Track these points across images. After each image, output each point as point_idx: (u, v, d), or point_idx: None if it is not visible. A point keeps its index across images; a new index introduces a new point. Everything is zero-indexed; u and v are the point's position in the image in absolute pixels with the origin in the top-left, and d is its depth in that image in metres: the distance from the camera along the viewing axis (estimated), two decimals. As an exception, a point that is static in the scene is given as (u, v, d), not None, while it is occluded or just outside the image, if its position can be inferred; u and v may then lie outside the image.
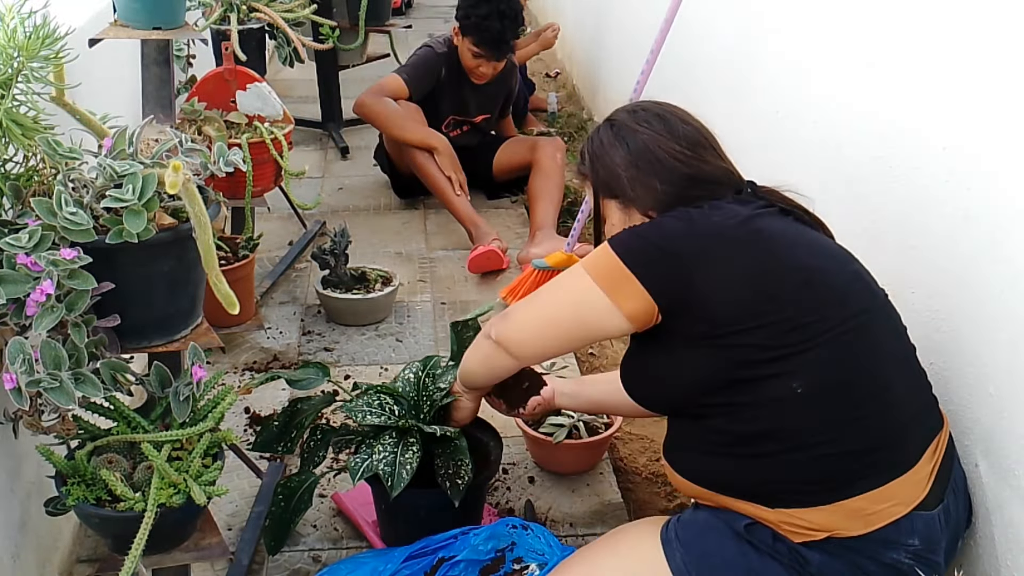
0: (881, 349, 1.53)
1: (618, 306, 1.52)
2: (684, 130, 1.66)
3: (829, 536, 1.45)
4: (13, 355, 1.37)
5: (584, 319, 1.59)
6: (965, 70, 1.68)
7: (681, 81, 3.25)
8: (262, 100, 2.61)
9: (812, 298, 1.50)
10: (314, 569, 1.99)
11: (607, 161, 1.67)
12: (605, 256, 1.54)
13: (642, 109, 1.70)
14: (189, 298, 1.63)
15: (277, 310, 3.03)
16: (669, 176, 1.62)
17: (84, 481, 1.56)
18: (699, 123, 1.70)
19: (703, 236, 1.53)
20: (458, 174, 3.49)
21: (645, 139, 1.64)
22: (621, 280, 1.52)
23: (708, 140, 1.68)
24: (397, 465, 1.81)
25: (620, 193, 1.66)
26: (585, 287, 1.56)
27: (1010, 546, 1.54)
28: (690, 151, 1.63)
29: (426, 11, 7.19)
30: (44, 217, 1.39)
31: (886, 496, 1.46)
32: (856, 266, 1.59)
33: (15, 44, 1.41)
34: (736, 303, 1.48)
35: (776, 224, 1.57)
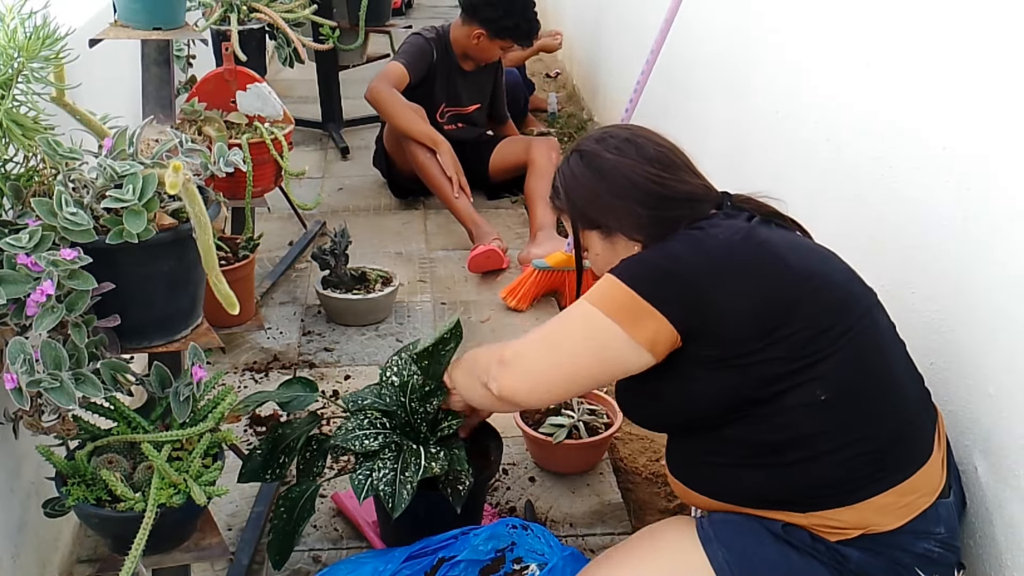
0: (886, 345, 1.56)
1: (639, 341, 1.47)
2: (655, 152, 1.62)
3: (863, 533, 1.48)
4: (13, 355, 1.37)
5: (603, 359, 1.51)
6: (965, 70, 1.68)
7: (681, 81, 3.25)
8: (262, 100, 2.61)
9: (826, 303, 1.50)
10: (314, 569, 1.99)
11: (582, 192, 1.64)
12: (616, 289, 1.49)
13: (610, 136, 1.66)
14: (189, 298, 1.63)
15: (277, 310, 3.03)
16: (647, 199, 1.58)
17: (84, 481, 1.56)
18: (669, 143, 1.66)
19: (714, 257, 1.50)
20: (459, 175, 3.50)
21: (618, 165, 1.61)
22: (639, 313, 1.46)
23: (680, 159, 1.65)
24: (397, 484, 1.77)
25: (601, 222, 1.63)
26: (600, 325, 1.49)
27: (1010, 546, 1.54)
28: (665, 172, 1.60)
29: (426, 11, 7.19)
30: (44, 217, 1.39)
31: (912, 488, 1.49)
32: (846, 264, 1.60)
33: (15, 44, 1.41)
34: (757, 320, 1.46)
35: (774, 234, 1.57)
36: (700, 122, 3.10)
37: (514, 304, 3.05)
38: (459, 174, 3.50)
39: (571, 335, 1.56)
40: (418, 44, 3.72)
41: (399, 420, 1.90)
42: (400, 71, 3.62)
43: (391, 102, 3.56)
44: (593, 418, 2.33)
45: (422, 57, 3.70)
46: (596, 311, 1.49)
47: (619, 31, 4.24)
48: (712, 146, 2.98)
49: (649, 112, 3.42)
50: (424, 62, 3.70)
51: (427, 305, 3.09)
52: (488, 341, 2.88)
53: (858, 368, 1.50)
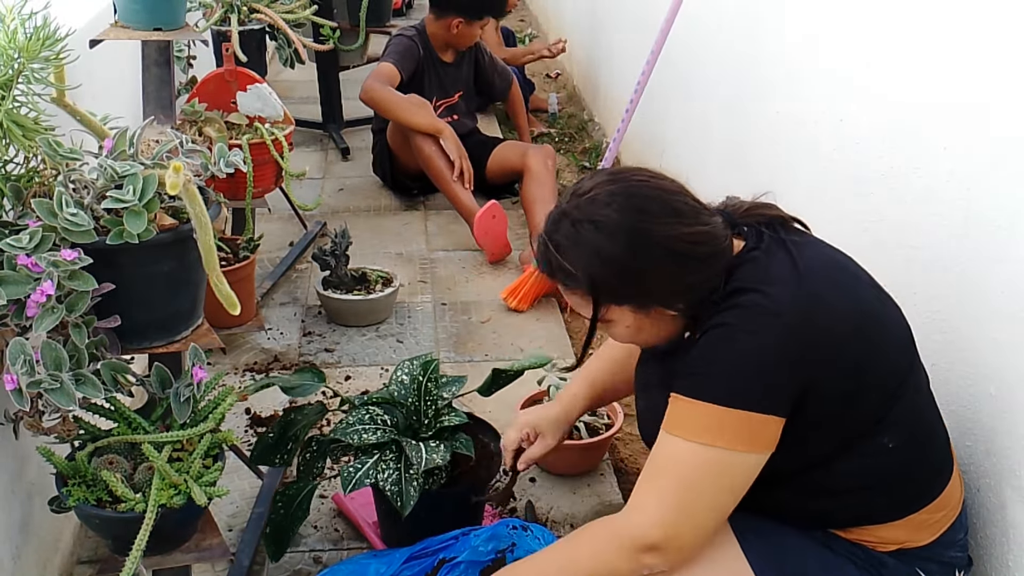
0: (923, 372, 1.55)
1: (762, 451, 1.38)
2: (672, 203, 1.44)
3: (900, 548, 1.50)
4: (14, 356, 1.37)
5: (744, 484, 1.40)
6: (965, 70, 1.68)
7: (681, 81, 3.25)
8: (263, 101, 2.61)
9: (891, 345, 1.47)
10: (315, 570, 1.99)
11: (611, 269, 1.43)
12: (725, 416, 1.36)
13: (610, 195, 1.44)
14: (190, 299, 1.63)
15: (278, 311, 3.03)
16: (688, 262, 1.42)
17: (85, 482, 1.56)
18: (671, 184, 1.49)
19: (797, 330, 1.37)
20: (463, 160, 3.52)
21: (646, 232, 1.42)
22: (758, 427, 1.36)
23: (689, 198, 1.48)
24: (404, 483, 1.79)
25: (633, 298, 1.46)
26: (729, 463, 1.37)
27: (1012, 547, 1.54)
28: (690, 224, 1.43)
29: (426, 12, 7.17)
30: (45, 218, 1.39)
31: (943, 504, 1.52)
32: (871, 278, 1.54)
33: (16, 45, 1.41)
34: (851, 388, 1.41)
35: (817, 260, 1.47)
36: (700, 122, 3.10)
37: (514, 304, 3.05)
38: (462, 158, 3.53)
39: (706, 489, 1.40)
40: (403, 43, 3.76)
41: (403, 411, 1.92)
42: (391, 70, 3.64)
43: (387, 98, 3.58)
44: (594, 419, 2.32)
45: (410, 55, 3.73)
46: (720, 451, 1.37)
47: (619, 31, 4.24)
48: (712, 146, 2.98)
49: (649, 112, 3.42)
50: (413, 60, 3.74)
51: (427, 306, 3.09)
52: (488, 341, 2.88)
53: (915, 411, 1.50)
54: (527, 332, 2.94)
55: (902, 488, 1.50)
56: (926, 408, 1.54)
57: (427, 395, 1.94)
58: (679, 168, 3.31)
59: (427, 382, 1.96)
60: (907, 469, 1.49)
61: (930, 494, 1.51)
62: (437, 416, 1.92)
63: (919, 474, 1.51)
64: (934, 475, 1.53)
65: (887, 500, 1.50)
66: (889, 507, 1.50)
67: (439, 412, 1.93)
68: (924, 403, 1.53)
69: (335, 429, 1.89)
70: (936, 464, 1.54)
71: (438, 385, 1.96)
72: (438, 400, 1.94)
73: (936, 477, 1.53)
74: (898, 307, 1.53)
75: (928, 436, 1.53)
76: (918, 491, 1.51)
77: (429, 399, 1.94)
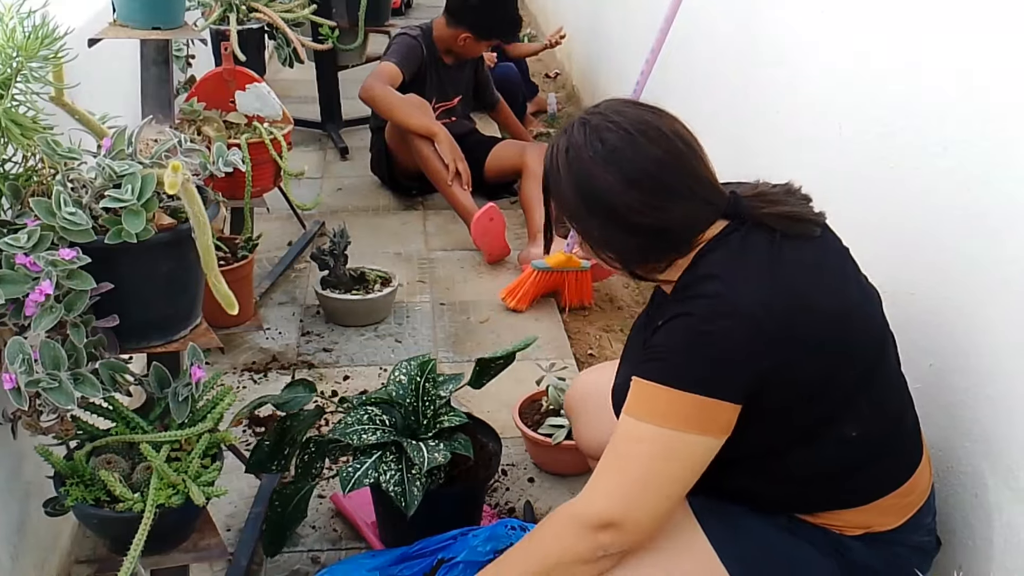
0: (893, 359, 1.56)
1: (716, 435, 1.39)
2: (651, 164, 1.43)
3: (866, 532, 1.51)
4: (12, 355, 1.36)
5: (700, 464, 1.41)
6: (965, 70, 1.68)
7: (681, 81, 3.25)
8: (261, 100, 2.60)
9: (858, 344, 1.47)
10: (313, 570, 1.99)
11: (565, 201, 1.48)
12: (676, 399, 1.37)
13: (609, 126, 1.45)
14: (188, 298, 1.63)
15: (276, 311, 3.02)
16: (634, 228, 1.44)
17: (83, 482, 1.56)
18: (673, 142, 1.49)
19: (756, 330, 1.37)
20: (460, 162, 3.52)
21: (600, 183, 1.43)
22: (711, 412, 1.37)
23: (684, 164, 1.47)
24: (407, 483, 1.79)
25: (588, 235, 1.49)
26: (683, 443, 1.38)
27: (1009, 547, 1.54)
28: (655, 196, 1.42)
29: (425, 11, 7.17)
30: (43, 217, 1.38)
31: (911, 488, 1.53)
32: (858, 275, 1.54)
33: (14, 44, 1.41)
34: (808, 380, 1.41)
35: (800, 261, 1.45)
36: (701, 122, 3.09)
37: (513, 304, 3.05)
38: (457, 160, 3.52)
39: (660, 469, 1.41)
40: (407, 43, 3.75)
41: (402, 412, 1.92)
42: (393, 70, 3.64)
43: (386, 98, 3.58)
44: (592, 419, 2.32)
45: (413, 55, 3.72)
46: (673, 433, 1.38)
47: (619, 31, 4.24)
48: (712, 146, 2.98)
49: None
50: (416, 61, 3.73)
51: (426, 305, 3.09)
52: (488, 341, 2.88)
53: (883, 399, 1.50)
54: (526, 332, 2.94)
55: (868, 475, 1.50)
56: (893, 398, 1.53)
57: (425, 395, 1.94)
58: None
59: (425, 382, 1.95)
60: (872, 458, 1.49)
61: (897, 480, 1.51)
62: (436, 416, 1.92)
63: (886, 462, 1.51)
64: (902, 462, 1.53)
65: (852, 487, 1.50)
66: (855, 493, 1.50)
67: (437, 412, 1.93)
68: (891, 393, 1.53)
69: (334, 429, 1.89)
70: (905, 451, 1.54)
71: (436, 385, 1.96)
72: (436, 400, 1.94)
73: (904, 464, 1.53)
74: (879, 300, 1.53)
75: (895, 425, 1.52)
76: (885, 478, 1.51)
77: (427, 399, 1.94)
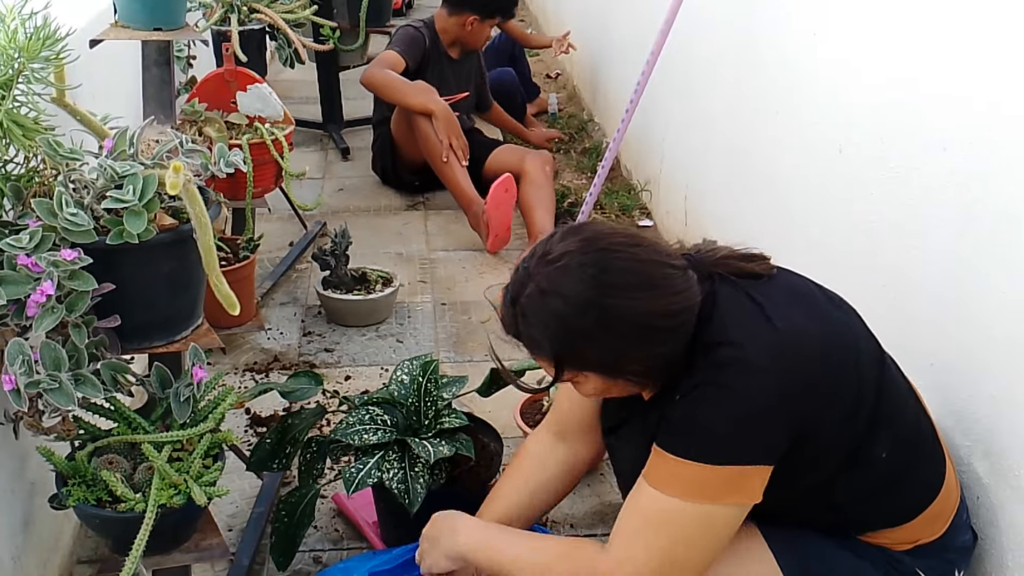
0: (891, 364, 1.55)
1: (749, 500, 1.38)
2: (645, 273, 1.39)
3: (916, 545, 1.53)
4: (13, 356, 1.37)
5: (729, 535, 1.41)
6: (965, 69, 1.68)
7: (681, 81, 3.25)
8: (263, 101, 2.61)
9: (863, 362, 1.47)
10: (315, 570, 1.99)
11: (587, 342, 1.39)
12: (710, 473, 1.35)
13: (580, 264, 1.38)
14: (190, 299, 1.63)
15: (278, 311, 3.03)
16: (667, 338, 1.39)
17: (85, 482, 1.56)
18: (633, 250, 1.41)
19: (778, 388, 1.36)
20: (457, 139, 3.55)
21: (626, 311, 1.37)
22: (745, 479, 1.36)
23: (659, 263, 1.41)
24: (410, 481, 1.79)
25: (600, 367, 1.43)
26: (716, 517, 1.37)
27: (1011, 547, 1.54)
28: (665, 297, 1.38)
29: (426, 12, 7.17)
30: (45, 218, 1.39)
31: (947, 493, 1.55)
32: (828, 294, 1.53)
33: (16, 45, 1.41)
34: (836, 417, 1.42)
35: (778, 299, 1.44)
36: (700, 122, 3.10)
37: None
38: (453, 137, 3.54)
39: (694, 543, 1.40)
40: (410, 33, 3.78)
41: (403, 412, 1.93)
42: (395, 57, 3.66)
43: (385, 78, 3.60)
44: (593, 419, 2.32)
45: (416, 45, 3.75)
46: (707, 506, 1.37)
47: (620, 31, 4.24)
48: (713, 146, 2.98)
49: (649, 112, 3.42)
50: (419, 50, 3.75)
51: (427, 306, 3.09)
52: (488, 341, 2.87)
53: (895, 408, 1.50)
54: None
55: (909, 489, 1.51)
56: (905, 405, 1.53)
57: (427, 395, 1.94)
58: (679, 168, 3.32)
59: (427, 382, 1.95)
60: (907, 470, 1.50)
61: (935, 488, 1.53)
62: (437, 417, 1.92)
63: (920, 472, 1.52)
64: (933, 469, 1.54)
65: (895, 504, 1.51)
66: (900, 510, 1.52)
67: (439, 413, 1.93)
68: (902, 401, 1.52)
69: (335, 430, 1.89)
70: (932, 457, 1.55)
71: (438, 386, 1.96)
72: (438, 401, 1.94)
73: (936, 470, 1.54)
74: (856, 313, 1.52)
75: (915, 432, 1.53)
76: (923, 489, 1.52)
77: (429, 400, 1.94)
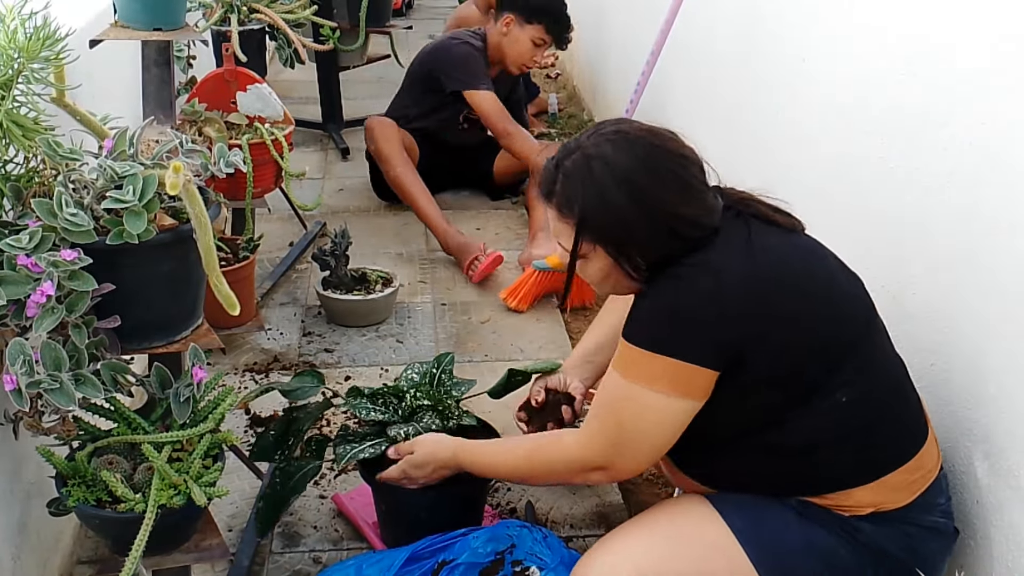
0: (883, 332, 1.59)
1: (694, 398, 1.48)
2: (680, 172, 1.51)
3: (876, 511, 1.53)
4: (13, 356, 1.37)
5: (677, 426, 1.51)
6: (965, 69, 1.68)
7: (681, 81, 3.25)
8: (262, 101, 2.61)
9: (839, 310, 1.52)
10: (314, 570, 1.99)
11: (613, 215, 1.49)
12: (654, 361, 1.46)
13: (635, 143, 1.51)
14: (190, 299, 1.63)
15: (278, 311, 3.03)
16: (680, 232, 1.48)
17: (84, 482, 1.56)
18: (680, 148, 1.54)
19: (744, 296, 1.45)
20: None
21: (658, 197, 1.48)
22: (688, 375, 1.46)
23: (696, 171, 1.53)
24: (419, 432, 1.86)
25: (619, 247, 1.52)
26: (662, 403, 1.48)
27: (1010, 547, 1.54)
28: (691, 202, 1.50)
29: (426, 12, 7.19)
30: (44, 218, 1.39)
31: (918, 465, 1.55)
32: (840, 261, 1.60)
33: (15, 45, 1.41)
34: (789, 348, 1.48)
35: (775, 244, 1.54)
36: (701, 122, 3.10)
37: (514, 305, 3.05)
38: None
39: (641, 426, 1.53)
40: (476, 59, 3.58)
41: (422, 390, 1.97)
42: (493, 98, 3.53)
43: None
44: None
45: (483, 71, 3.60)
46: (652, 393, 1.48)
47: (620, 32, 4.24)
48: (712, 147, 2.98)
49: (649, 113, 3.42)
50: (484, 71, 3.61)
51: (427, 306, 3.09)
52: (488, 342, 2.88)
53: (871, 366, 1.54)
54: (527, 332, 2.94)
55: (868, 447, 1.53)
56: (888, 370, 1.57)
57: (440, 385, 1.97)
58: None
59: (441, 373, 1.98)
60: (869, 426, 1.52)
61: (902, 455, 1.54)
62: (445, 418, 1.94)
63: (886, 432, 1.53)
64: (904, 436, 1.55)
65: (853, 460, 1.52)
66: (858, 468, 1.53)
67: (448, 408, 1.95)
68: (881, 366, 1.56)
69: (346, 403, 1.93)
70: (906, 424, 1.56)
71: (451, 378, 1.98)
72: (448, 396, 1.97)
73: (907, 438, 1.55)
74: (861, 284, 1.58)
75: (891, 395, 1.56)
76: (888, 451, 1.53)
77: (443, 389, 1.97)
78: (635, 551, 1.53)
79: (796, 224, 1.60)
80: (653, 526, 1.59)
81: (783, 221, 1.58)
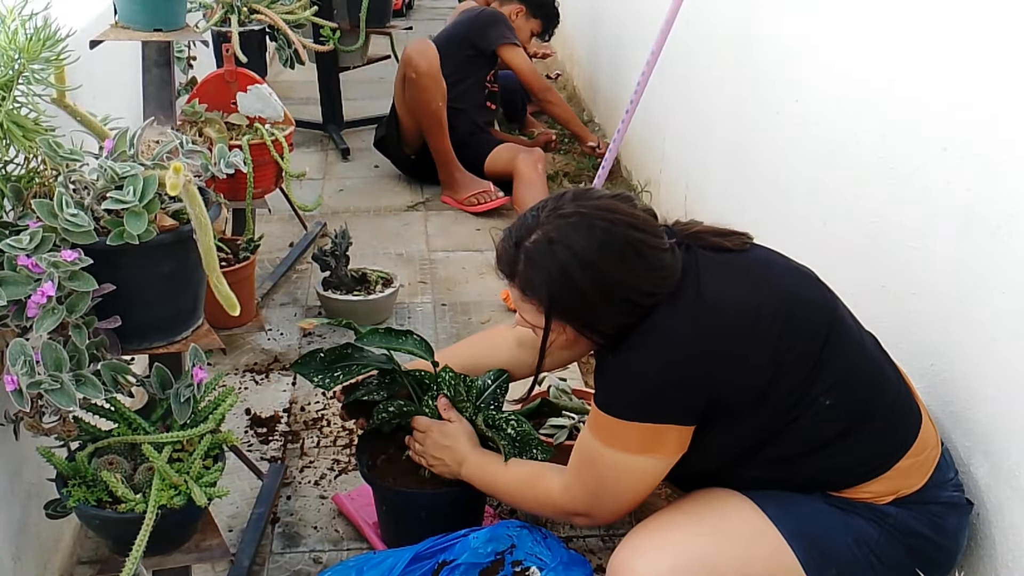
0: (853, 328, 1.62)
1: (665, 455, 1.55)
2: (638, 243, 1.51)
3: (896, 497, 1.56)
4: (14, 357, 1.37)
5: (652, 480, 1.59)
6: (965, 69, 1.68)
7: (681, 82, 3.25)
8: (263, 102, 2.61)
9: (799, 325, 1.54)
10: (315, 570, 1.99)
11: (578, 299, 1.52)
12: (623, 428, 1.52)
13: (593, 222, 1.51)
14: (190, 299, 1.63)
15: (278, 311, 3.03)
16: (645, 301, 1.52)
17: (85, 482, 1.56)
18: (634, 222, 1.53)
19: (703, 352, 1.49)
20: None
21: (620, 277, 1.50)
22: (656, 436, 1.52)
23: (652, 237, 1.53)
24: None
25: (581, 322, 1.56)
26: (634, 464, 1.55)
27: (1011, 547, 1.54)
28: (652, 269, 1.52)
29: (426, 12, 7.19)
30: (45, 219, 1.39)
31: (921, 446, 1.58)
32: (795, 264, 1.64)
33: (16, 46, 1.41)
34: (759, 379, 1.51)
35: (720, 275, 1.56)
36: (700, 122, 3.10)
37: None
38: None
39: (618, 486, 1.61)
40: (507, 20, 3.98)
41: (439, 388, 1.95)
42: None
43: None
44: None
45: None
46: (624, 456, 1.55)
47: (620, 32, 4.25)
48: (713, 146, 2.98)
49: (650, 113, 3.42)
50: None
51: (428, 306, 3.09)
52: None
53: (846, 363, 1.56)
54: (527, 333, 2.94)
55: (871, 441, 1.55)
56: (862, 361, 1.59)
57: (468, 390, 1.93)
58: (679, 169, 3.32)
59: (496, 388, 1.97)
60: (860, 421, 1.55)
61: (905, 441, 1.57)
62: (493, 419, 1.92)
63: (880, 423, 1.56)
64: (901, 421, 1.58)
65: (860, 455, 1.56)
66: (867, 461, 1.56)
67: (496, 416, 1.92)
68: (855, 358, 1.58)
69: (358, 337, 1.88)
70: (898, 411, 1.59)
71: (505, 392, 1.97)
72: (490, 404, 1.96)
73: (904, 422, 1.59)
74: (815, 281, 1.62)
75: (872, 384, 1.58)
76: (892, 440, 1.57)
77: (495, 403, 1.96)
78: (676, 537, 1.56)
79: (744, 240, 1.64)
80: (691, 514, 1.61)
81: (732, 243, 1.62)
